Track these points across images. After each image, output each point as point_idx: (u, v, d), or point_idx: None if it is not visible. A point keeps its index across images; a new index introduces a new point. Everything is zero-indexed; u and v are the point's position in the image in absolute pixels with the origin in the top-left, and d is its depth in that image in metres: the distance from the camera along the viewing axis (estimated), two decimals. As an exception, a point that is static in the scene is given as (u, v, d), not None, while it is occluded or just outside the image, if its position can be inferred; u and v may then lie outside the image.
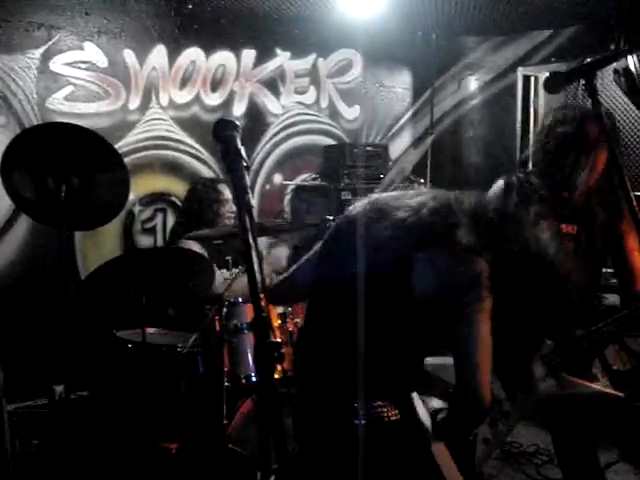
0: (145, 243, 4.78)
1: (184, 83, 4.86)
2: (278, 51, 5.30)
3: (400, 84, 6.08)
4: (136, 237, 4.73)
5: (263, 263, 1.39)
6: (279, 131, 5.40)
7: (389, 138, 6.02)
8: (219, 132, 1.48)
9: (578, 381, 2.33)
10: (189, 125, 4.89)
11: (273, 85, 5.31)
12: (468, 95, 6.14)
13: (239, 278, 3.24)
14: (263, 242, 5.15)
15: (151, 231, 4.81)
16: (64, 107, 4.33)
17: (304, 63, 5.47)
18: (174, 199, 4.83)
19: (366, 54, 5.71)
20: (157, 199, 4.82)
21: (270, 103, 5.31)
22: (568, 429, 2.60)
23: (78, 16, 4.34)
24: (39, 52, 4.21)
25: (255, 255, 1.36)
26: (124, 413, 3.25)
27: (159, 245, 4.78)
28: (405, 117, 6.14)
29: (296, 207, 5.47)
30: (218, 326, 3.05)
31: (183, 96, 4.86)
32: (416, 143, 6.19)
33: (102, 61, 4.46)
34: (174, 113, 4.82)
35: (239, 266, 3.79)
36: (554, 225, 2.42)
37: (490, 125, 6.00)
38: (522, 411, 2.35)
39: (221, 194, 3.96)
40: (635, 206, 1.69)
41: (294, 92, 5.43)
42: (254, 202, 1.44)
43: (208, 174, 4.90)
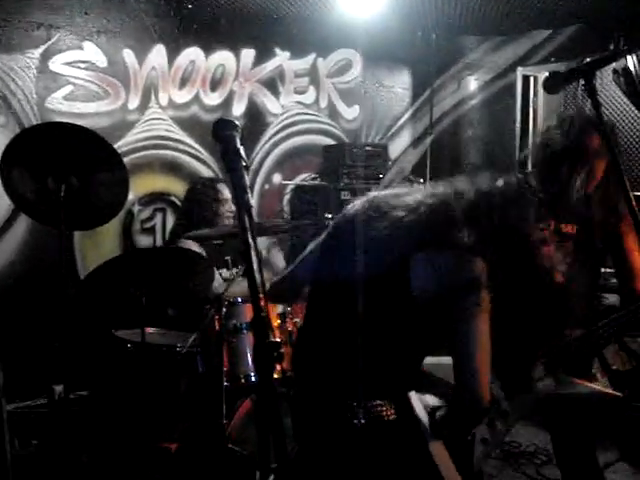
0: (144, 243, 4.78)
1: (183, 83, 4.85)
2: (277, 51, 5.30)
3: (399, 84, 6.07)
4: (135, 237, 4.73)
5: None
6: (278, 131, 5.40)
7: (388, 138, 6.02)
8: (218, 132, 1.49)
9: (577, 381, 2.33)
10: (188, 125, 4.89)
11: (272, 85, 5.31)
12: (468, 95, 6.14)
13: (238, 279, 3.24)
14: (263, 242, 5.15)
15: (150, 231, 4.81)
16: (63, 107, 4.33)
17: (303, 63, 5.47)
18: (173, 199, 4.83)
19: (366, 54, 5.71)
20: (156, 199, 4.82)
21: (269, 103, 5.31)
22: (567, 429, 2.60)
23: (77, 16, 4.34)
24: (38, 52, 4.21)
25: (254, 255, 1.36)
26: (124, 413, 3.25)
27: (158, 245, 4.78)
28: (404, 117, 6.14)
29: (295, 207, 5.47)
30: (217, 326, 3.04)
31: (182, 96, 4.86)
32: (415, 143, 6.19)
33: (101, 61, 4.46)
34: (173, 113, 4.82)
35: (238, 266, 3.79)
36: (554, 225, 2.42)
37: (489, 125, 6.01)
38: (521, 411, 2.35)
39: (220, 193, 3.95)
40: (634, 206, 1.69)
41: (293, 92, 5.43)
42: (253, 202, 1.45)
43: (207, 174, 4.90)
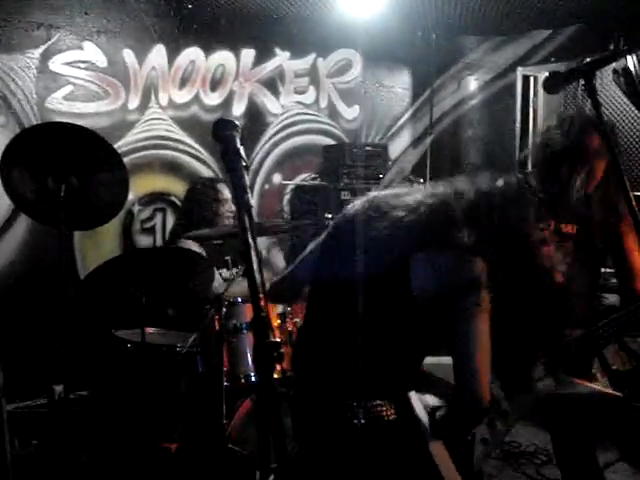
0: (144, 243, 4.78)
1: (183, 83, 4.85)
2: (277, 51, 5.30)
3: (399, 84, 6.07)
4: (135, 237, 4.73)
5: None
6: (278, 131, 5.40)
7: (388, 138, 6.02)
8: (218, 132, 1.49)
9: (577, 381, 2.33)
10: (188, 125, 4.88)
11: (272, 85, 5.31)
12: (468, 95, 6.14)
13: (238, 279, 3.24)
14: (263, 242, 5.15)
15: (150, 231, 4.81)
16: (63, 107, 4.32)
17: (303, 63, 5.47)
18: (173, 199, 4.83)
19: (366, 54, 5.71)
20: (156, 199, 4.82)
21: (269, 103, 5.31)
22: (567, 429, 2.60)
23: (77, 16, 4.34)
24: (38, 52, 4.21)
25: (254, 255, 1.36)
26: (124, 413, 3.25)
27: (158, 245, 4.78)
28: (404, 117, 6.14)
29: (295, 207, 5.47)
30: (217, 326, 3.04)
31: (182, 96, 4.86)
32: (415, 143, 6.19)
33: (101, 61, 4.46)
34: (173, 113, 4.82)
35: (238, 266, 3.79)
36: (554, 225, 2.42)
37: (489, 125, 6.01)
38: (521, 411, 2.35)
39: (220, 193, 3.95)
40: (634, 206, 1.69)
41: (293, 92, 5.43)
42: (253, 202, 1.45)
43: (207, 174, 4.90)
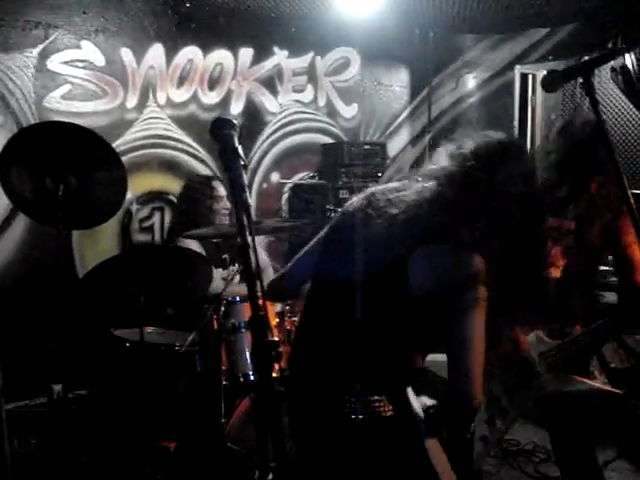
0: (143, 242, 4.78)
1: (181, 82, 4.85)
2: (275, 49, 5.29)
3: (398, 82, 6.07)
4: (134, 236, 4.73)
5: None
6: (277, 129, 5.40)
7: (387, 136, 6.02)
8: (216, 131, 1.49)
9: (576, 378, 2.34)
10: (187, 124, 4.88)
11: (271, 83, 5.30)
12: (466, 93, 6.14)
13: (236, 277, 3.24)
14: (261, 241, 5.15)
15: (149, 230, 4.81)
16: (61, 106, 4.32)
17: (302, 61, 5.47)
18: (172, 198, 4.82)
19: (364, 52, 5.72)
20: (155, 198, 4.82)
21: (268, 101, 5.30)
22: (566, 427, 2.60)
23: (75, 15, 4.33)
24: (36, 51, 4.20)
25: (252, 253, 1.36)
26: (122, 412, 3.25)
27: (157, 244, 4.78)
28: (403, 115, 6.14)
29: (294, 206, 5.47)
30: (216, 325, 3.04)
31: (180, 95, 4.85)
32: (414, 141, 6.19)
33: (99, 60, 4.45)
34: (172, 112, 4.82)
35: (236, 264, 3.78)
36: (552, 222, 2.42)
37: (488, 123, 6.00)
38: (520, 409, 2.36)
39: (216, 190, 3.95)
40: (632, 203, 1.69)
41: (292, 90, 5.43)
42: (252, 201, 1.45)
43: (205, 172, 4.89)
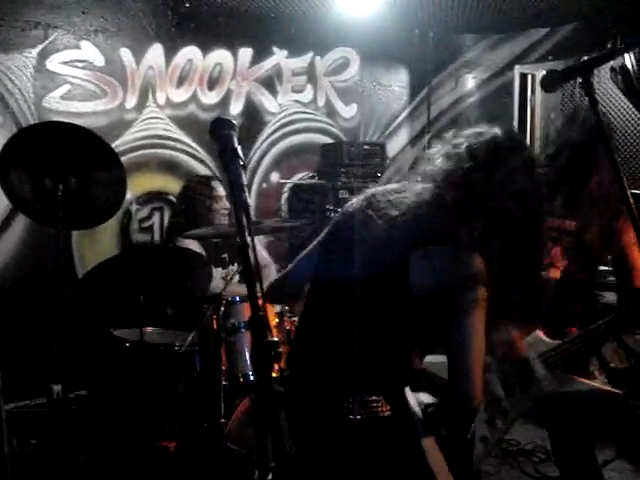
0: (142, 242, 4.78)
1: (181, 82, 4.85)
2: (275, 49, 5.29)
3: (397, 82, 6.07)
4: (133, 236, 4.73)
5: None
6: (276, 130, 5.40)
7: (386, 136, 6.02)
8: (216, 131, 1.49)
9: (576, 378, 2.34)
10: (186, 124, 4.88)
11: (270, 84, 5.30)
12: (465, 93, 6.14)
13: (236, 277, 3.24)
14: (260, 241, 5.15)
15: (148, 230, 4.81)
16: (61, 106, 4.32)
17: (301, 61, 5.47)
18: (171, 198, 4.81)
19: (363, 52, 5.72)
20: (154, 198, 4.82)
21: (267, 102, 5.30)
22: (566, 426, 2.60)
23: (75, 15, 4.33)
24: (36, 51, 4.20)
25: (252, 254, 1.36)
26: (122, 412, 3.25)
27: (157, 244, 4.78)
28: (402, 115, 6.14)
29: (293, 206, 5.47)
30: (216, 325, 3.04)
31: (180, 95, 4.85)
32: (413, 141, 6.19)
33: (99, 60, 4.45)
34: (171, 112, 4.82)
35: (235, 264, 3.78)
36: (552, 222, 2.43)
37: (487, 123, 6.00)
38: (520, 409, 2.36)
39: (214, 190, 3.95)
40: (632, 203, 1.69)
41: (291, 91, 5.43)
42: (251, 201, 1.45)
43: (205, 173, 4.89)
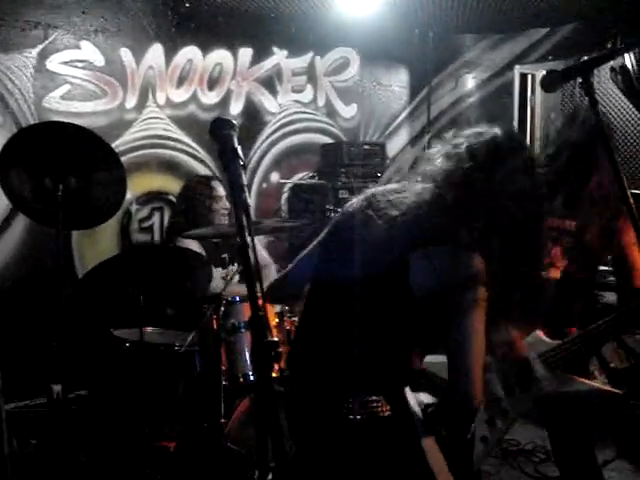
0: (142, 242, 4.78)
1: (181, 82, 4.85)
2: (275, 49, 5.29)
3: (397, 82, 6.07)
4: (133, 236, 4.73)
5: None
6: (276, 130, 5.40)
7: (386, 136, 6.02)
8: (216, 131, 1.49)
9: (576, 378, 2.34)
10: (186, 124, 4.88)
11: (270, 84, 5.30)
12: (465, 93, 6.14)
13: (236, 277, 3.24)
14: (260, 241, 5.15)
15: (148, 230, 4.81)
16: (61, 106, 4.32)
17: (301, 61, 5.47)
18: (171, 198, 4.81)
19: (363, 52, 5.72)
20: (154, 198, 4.82)
21: (267, 102, 5.30)
22: (566, 426, 2.60)
23: (75, 15, 4.33)
24: (36, 51, 4.20)
25: (252, 254, 1.36)
26: (122, 412, 3.25)
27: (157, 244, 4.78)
28: (402, 115, 6.14)
29: (293, 206, 5.47)
30: (215, 325, 3.04)
31: (180, 95, 4.85)
32: (413, 141, 6.19)
33: (99, 60, 4.45)
34: (171, 112, 4.82)
35: (235, 264, 3.78)
36: (552, 222, 2.43)
37: (487, 123, 6.00)
38: (520, 409, 2.36)
39: (214, 190, 3.95)
40: (632, 203, 1.69)
41: (291, 91, 5.43)
42: (251, 201, 1.45)
43: (205, 172, 4.89)
